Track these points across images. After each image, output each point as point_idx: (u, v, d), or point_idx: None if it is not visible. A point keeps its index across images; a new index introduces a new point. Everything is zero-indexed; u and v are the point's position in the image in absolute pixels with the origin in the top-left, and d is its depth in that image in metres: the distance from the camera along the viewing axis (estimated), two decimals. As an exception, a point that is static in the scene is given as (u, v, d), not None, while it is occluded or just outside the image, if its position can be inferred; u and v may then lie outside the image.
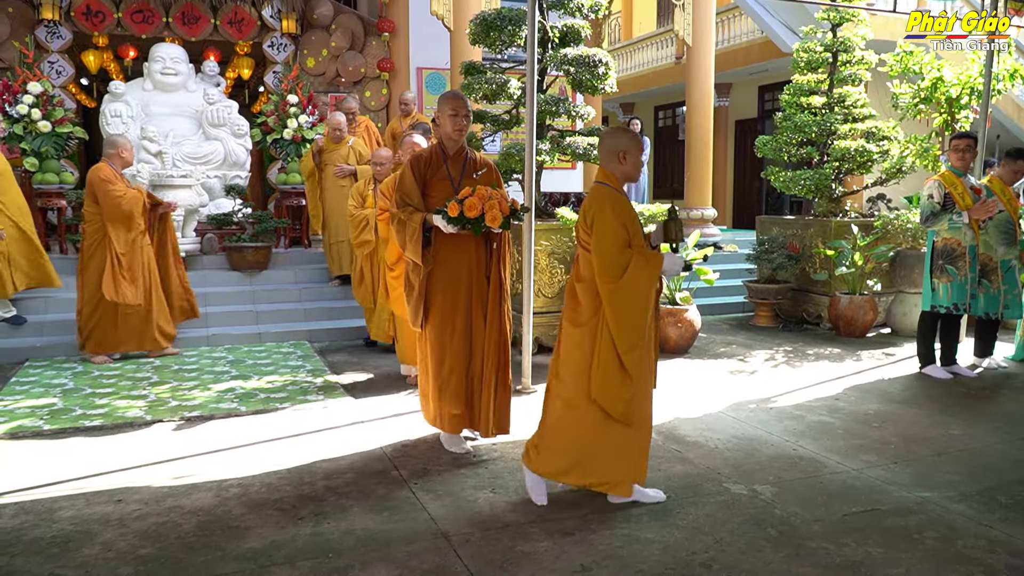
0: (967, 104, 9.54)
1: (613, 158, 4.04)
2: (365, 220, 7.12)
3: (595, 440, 3.98)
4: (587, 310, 3.98)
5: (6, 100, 9.36)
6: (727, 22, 16.73)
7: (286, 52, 12.04)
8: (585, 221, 3.96)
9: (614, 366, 3.91)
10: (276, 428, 5.40)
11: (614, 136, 4.11)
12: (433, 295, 4.73)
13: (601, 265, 3.87)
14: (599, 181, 4.07)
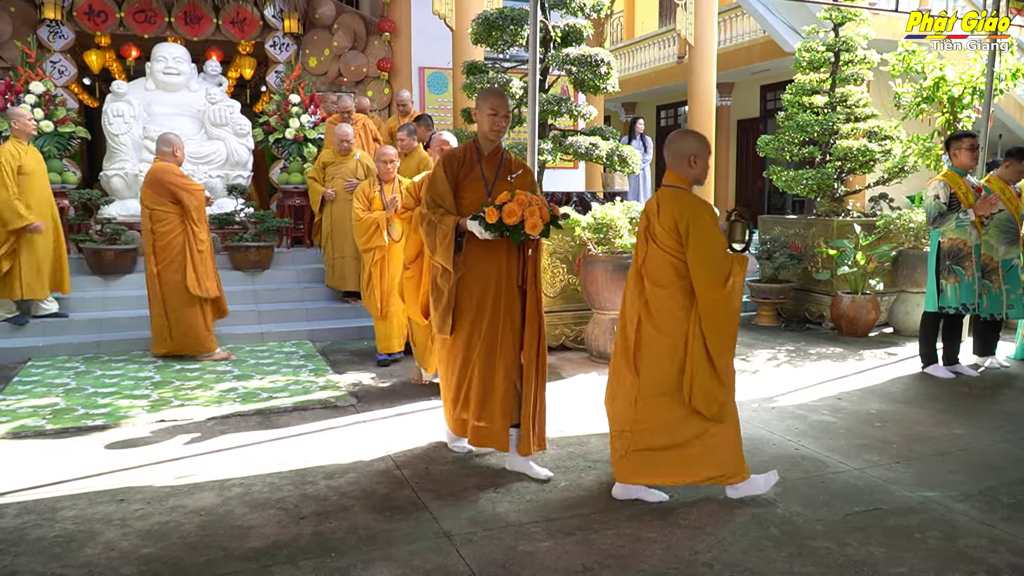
0: (969, 104, 9.53)
1: (683, 161, 4.08)
2: (374, 224, 6.83)
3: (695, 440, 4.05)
4: (673, 316, 3.99)
5: (8, 100, 9.36)
6: (729, 21, 16.73)
7: (288, 52, 12.04)
8: (676, 228, 3.94)
9: (707, 368, 3.96)
10: (278, 428, 5.40)
11: (683, 139, 4.13)
12: (462, 301, 4.49)
13: (708, 273, 3.89)
14: (673, 185, 4.09)
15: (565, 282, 7.72)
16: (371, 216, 6.85)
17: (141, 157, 9.89)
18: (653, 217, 4.07)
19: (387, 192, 6.89)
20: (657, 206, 4.06)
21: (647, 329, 4.05)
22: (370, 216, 6.85)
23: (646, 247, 4.09)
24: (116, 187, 9.83)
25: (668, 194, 4.06)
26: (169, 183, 7.23)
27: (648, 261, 4.07)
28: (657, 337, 4.02)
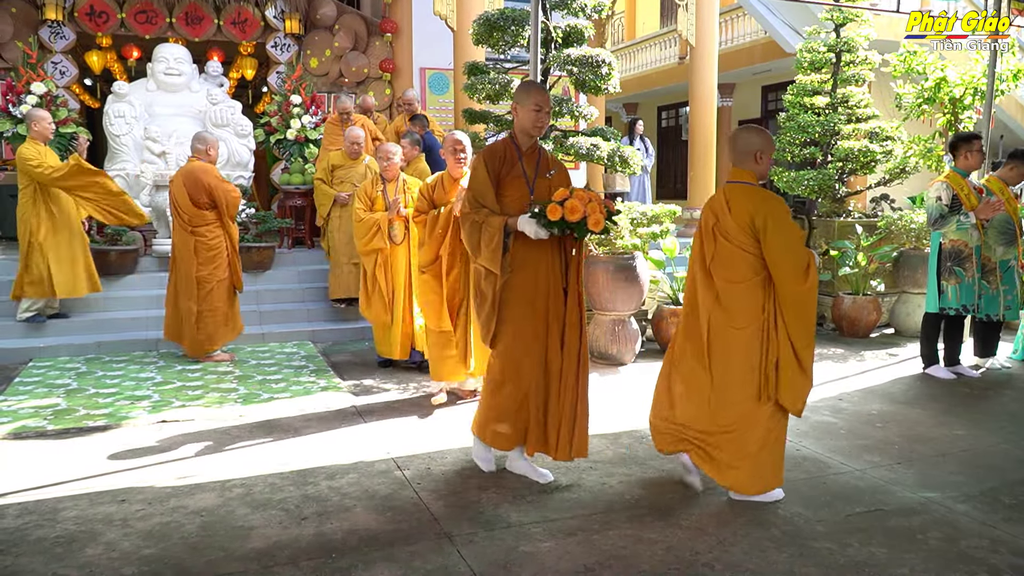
0: (971, 105, 9.53)
1: (749, 157, 4.12)
2: (375, 226, 6.60)
3: (764, 443, 4.08)
4: (749, 312, 4.01)
5: (10, 100, 9.38)
6: (730, 22, 16.73)
7: (289, 52, 12.04)
8: (752, 224, 3.96)
9: (793, 364, 3.99)
10: (279, 428, 5.40)
11: (748, 135, 4.16)
12: (507, 306, 4.26)
13: (791, 267, 3.92)
14: (741, 181, 4.11)
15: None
16: (372, 217, 6.63)
17: (142, 158, 9.91)
18: (722, 215, 4.07)
19: (390, 192, 6.72)
20: (727, 203, 4.07)
21: (721, 326, 4.06)
22: (371, 217, 6.63)
23: (714, 244, 4.09)
24: (117, 188, 9.83)
25: (738, 190, 4.08)
26: (208, 184, 7.28)
27: (719, 258, 4.07)
28: (733, 332, 4.02)
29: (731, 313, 4.02)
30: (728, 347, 4.04)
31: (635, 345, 7.34)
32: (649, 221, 7.44)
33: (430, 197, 5.80)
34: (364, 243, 6.65)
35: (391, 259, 6.65)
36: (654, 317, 7.94)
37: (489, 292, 4.28)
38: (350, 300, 8.49)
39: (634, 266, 7.14)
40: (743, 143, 4.14)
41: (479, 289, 4.36)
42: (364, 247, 6.67)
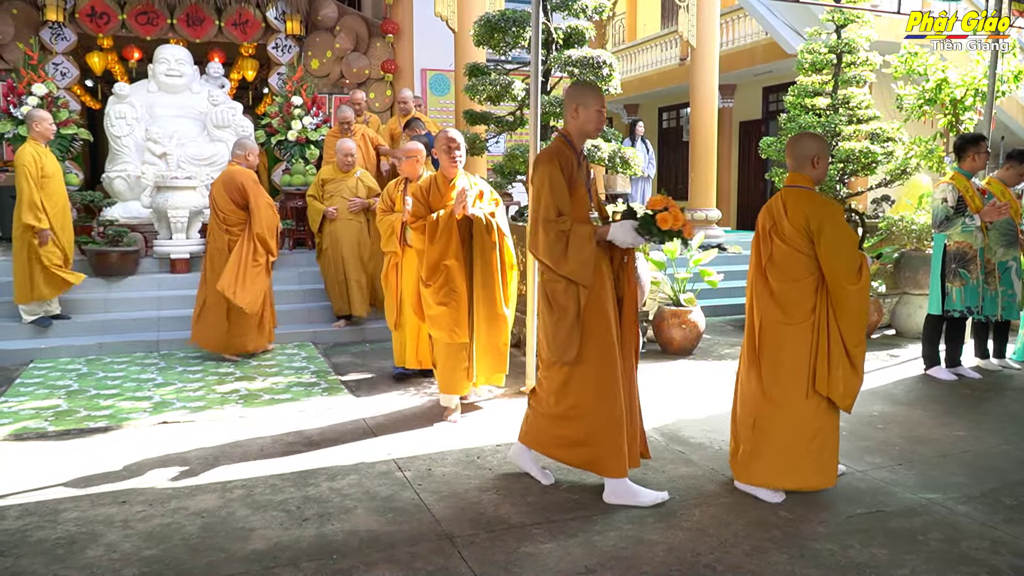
0: (971, 106, 9.52)
1: (806, 162, 4.26)
2: (391, 228, 6.41)
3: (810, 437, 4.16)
4: (802, 309, 4.13)
5: (11, 102, 9.39)
6: (731, 23, 16.72)
7: (290, 54, 12.06)
8: (807, 226, 4.09)
9: (845, 361, 4.11)
10: (280, 429, 5.40)
11: (805, 141, 4.32)
12: (589, 319, 4.07)
13: (845, 267, 4.06)
14: (798, 185, 4.25)
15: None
16: (389, 219, 6.45)
17: (143, 159, 9.92)
18: (780, 217, 4.20)
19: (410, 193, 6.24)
20: (784, 206, 4.20)
21: (773, 322, 4.20)
22: (388, 218, 6.46)
23: (771, 245, 4.22)
24: (118, 189, 9.85)
25: (794, 194, 4.21)
26: (240, 184, 7.38)
27: (775, 258, 4.20)
28: (785, 329, 4.15)
29: (785, 310, 4.16)
30: (779, 343, 4.17)
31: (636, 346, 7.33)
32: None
33: (425, 201, 5.58)
34: (383, 243, 6.54)
35: (403, 263, 6.36)
36: (655, 318, 7.93)
37: (572, 305, 4.04)
38: (349, 316, 8.50)
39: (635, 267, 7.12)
40: (801, 149, 4.29)
41: (556, 303, 4.08)
42: (383, 247, 6.56)
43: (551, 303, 4.11)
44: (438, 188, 5.59)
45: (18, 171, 7.40)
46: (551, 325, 4.11)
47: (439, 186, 5.59)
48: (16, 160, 7.45)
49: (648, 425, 5.35)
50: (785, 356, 4.14)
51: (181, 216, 8.94)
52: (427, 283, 5.42)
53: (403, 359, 6.57)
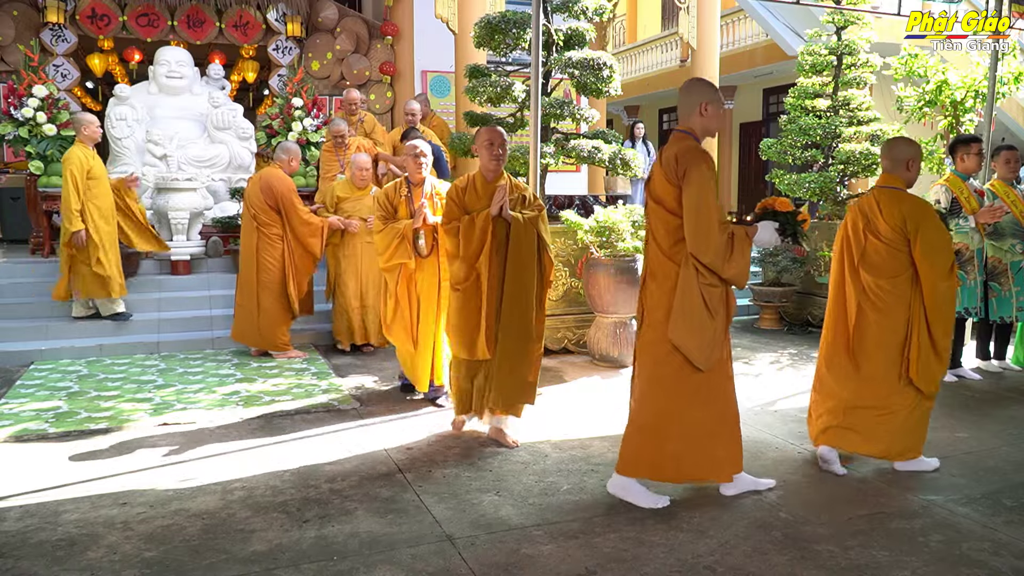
0: (972, 107, 9.52)
1: (901, 165, 4.56)
2: (398, 236, 5.70)
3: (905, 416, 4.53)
4: (897, 303, 4.45)
5: (11, 103, 9.39)
6: (732, 25, 16.74)
7: (291, 55, 12.06)
8: (904, 226, 4.40)
9: (930, 351, 4.45)
10: (280, 431, 5.40)
11: (900, 145, 4.63)
12: None
13: (938, 265, 4.38)
14: (891, 186, 4.55)
15: (567, 285, 7.72)
16: (394, 227, 5.73)
17: (144, 160, 9.92)
18: (874, 216, 4.50)
19: (416, 197, 5.84)
20: (878, 206, 4.50)
21: (870, 316, 4.49)
22: (393, 227, 5.74)
23: (864, 243, 4.52)
24: (119, 190, 9.84)
25: (888, 195, 4.52)
26: (280, 193, 7.48)
27: (869, 255, 4.51)
28: (881, 322, 4.47)
29: (880, 306, 4.46)
30: (873, 333, 4.48)
31: (636, 348, 7.33)
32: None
33: (461, 203, 5.03)
34: (386, 257, 5.75)
35: (416, 275, 5.73)
36: (655, 320, 7.92)
37: (722, 309, 3.99)
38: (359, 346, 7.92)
39: (635, 268, 7.13)
40: (898, 152, 4.59)
41: (709, 307, 3.93)
42: (386, 262, 5.77)
43: (708, 307, 3.95)
44: (476, 190, 5.05)
45: (63, 173, 7.55)
46: (708, 330, 3.95)
47: (477, 187, 5.05)
48: (63, 162, 7.60)
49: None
50: (880, 347, 4.47)
51: (182, 217, 8.94)
52: (456, 287, 5.02)
53: (414, 380, 5.96)
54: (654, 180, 4.05)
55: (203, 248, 9.43)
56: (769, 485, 4.31)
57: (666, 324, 3.95)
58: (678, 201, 3.91)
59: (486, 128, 5.12)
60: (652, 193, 4.06)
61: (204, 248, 9.43)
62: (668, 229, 3.96)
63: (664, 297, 3.98)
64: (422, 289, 5.74)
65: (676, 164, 3.92)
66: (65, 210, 7.52)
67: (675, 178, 3.91)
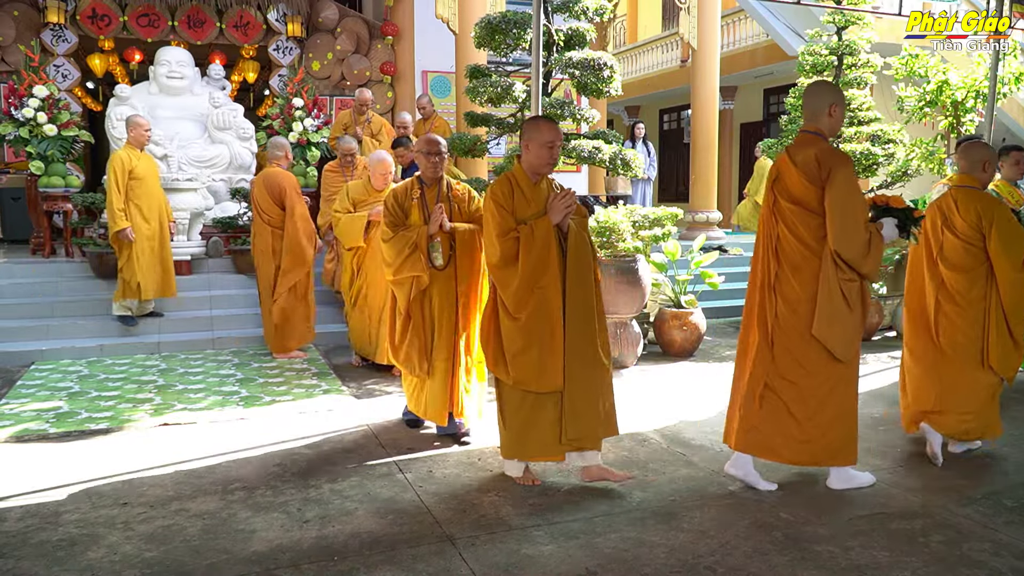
0: (972, 107, 9.53)
1: (978, 166, 4.88)
2: (411, 245, 4.88)
3: (988, 398, 4.85)
4: (973, 294, 4.75)
5: (12, 104, 9.39)
6: (732, 25, 16.74)
7: (291, 55, 12.07)
8: (979, 223, 4.70)
9: (1007, 339, 4.75)
10: (281, 431, 5.40)
11: (979, 149, 4.94)
12: None
13: (1011, 258, 4.67)
14: (968, 185, 4.87)
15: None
16: (405, 235, 4.91)
17: (145, 161, 9.91)
18: (951, 213, 4.82)
19: (430, 199, 5.07)
20: (955, 204, 4.81)
21: (947, 308, 4.82)
22: (403, 235, 4.91)
23: (941, 239, 4.85)
24: (120, 191, 9.84)
25: (964, 193, 4.83)
26: (282, 187, 7.56)
27: (946, 251, 4.82)
28: (960, 313, 4.77)
29: (957, 298, 4.78)
30: (954, 324, 4.79)
31: (637, 348, 7.33)
32: (651, 224, 7.44)
33: (511, 208, 4.29)
34: (395, 269, 4.93)
35: (431, 290, 4.96)
36: (656, 320, 7.94)
37: (859, 303, 4.26)
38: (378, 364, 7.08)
39: (636, 269, 7.13)
40: (974, 154, 4.90)
41: (851, 302, 4.17)
42: (395, 274, 4.94)
43: (848, 302, 4.12)
44: (523, 193, 4.34)
45: (108, 173, 7.73)
46: (849, 325, 4.15)
47: (524, 190, 4.35)
48: (109, 162, 7.77)
49: (649, 427, 5.38)
50: (959, 335, 4.78)
51: (182, 218, 8.94)
52: (516, 315, 4.23)
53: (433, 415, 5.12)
54: (789, 181, 4.19)
55: (204, 248, 9.43)
56: (870, 482, 4.41)
57: (810, 318, 4.12)
58: (819, 200, 4.08)
59: (546, 123, 4.40)
60: (787, 194, 4.20)
61: (205, 248, 9.44)
62: (810, 227, 4.13)
63: (807, 292, 4.15)
64: (437, 306, 4.95)
65: (818, 166, 4.09)
66: (108, 210, 7.69)
67: (818, 179, 4.08)
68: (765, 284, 4.26)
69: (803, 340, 4.15)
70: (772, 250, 4.24)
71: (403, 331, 5.04)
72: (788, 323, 4.19)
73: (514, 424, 4.33)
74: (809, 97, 4.32)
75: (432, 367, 4.99)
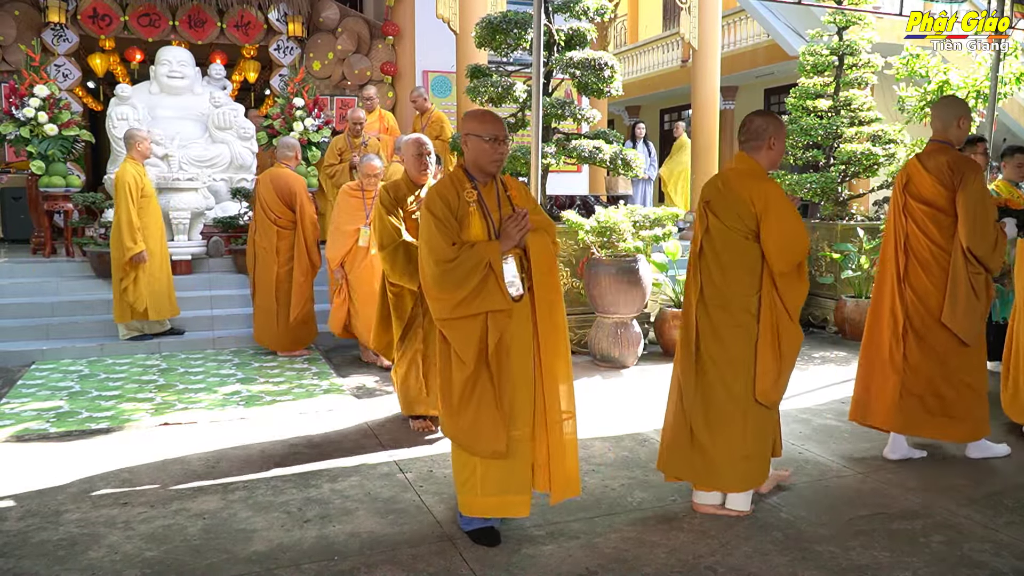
0: (973, 107, 9.51)
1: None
2: (483, 266, 3.46)
3: None
4: None
5: (13, 103, 9.39)
6: (733, 25, 16.73)
7: (292, 55, 12.07)
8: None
9: None
10: (281, 431, 5.40)
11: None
12: None
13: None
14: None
15: (568, 285, 7.71)
16: (475, 252, 3.50)
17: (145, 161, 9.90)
18: None
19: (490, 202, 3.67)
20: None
21: None
22: (471, 252, 3.50)
23: None
24: (120, 190, 9.84)
25: None
26: (293, 190, 7.60)
27: None
28: None
29: None
30: None
31: (637, 348, 7.33)
32: (652, 224, 7.44)
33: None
34: (458, 303, 3.49)
35: (514, 326, 3.58)
36: (656, 320, 7.94)
37: (984, 292, 4.68)
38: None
39: (636, 269, 7.13)
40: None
41: (976, 291, 4.62)
42: (459, 309, 3.50)
43: (976, 292, 4.58)
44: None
45: (118, 191, 7.48)
46: (975, 313, 4.61)
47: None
48: (117, 180, 7.54)
49: (649, 427, 5.37)
50: None
51: (183, 217, 8.94)
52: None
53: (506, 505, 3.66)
54: (921, 184, 4.67)
55: (204, 248, 9.43)
56: (1005, 452, 4.89)
57: (938, 307, 4.60)
58: (949, 202, 4.56)
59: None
60: (918, 196, 4.68)
61: (205, 248, 9.43)
62: (941, 226, 4.60)
63: (935, 283, 4.64)
64: (515, 347, 3.59)
65: (951, 172, 4.55)
66: (126, 229, 7.42)
67: (950, 183, 4.56)
68: (895, 277, 4.75)
69: (936, 326, 4.63)
70: (901, 247, 4.73)
71: (466, 392, 3.55)
72: (918, 312, 4.68)
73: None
74: (939, 110, 4.77)
75: (520, 432, 3.60)
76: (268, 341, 7.75)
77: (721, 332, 3.86)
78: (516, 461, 3.58)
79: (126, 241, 7.43)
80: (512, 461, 3.57)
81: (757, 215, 3.80)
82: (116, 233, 7.48)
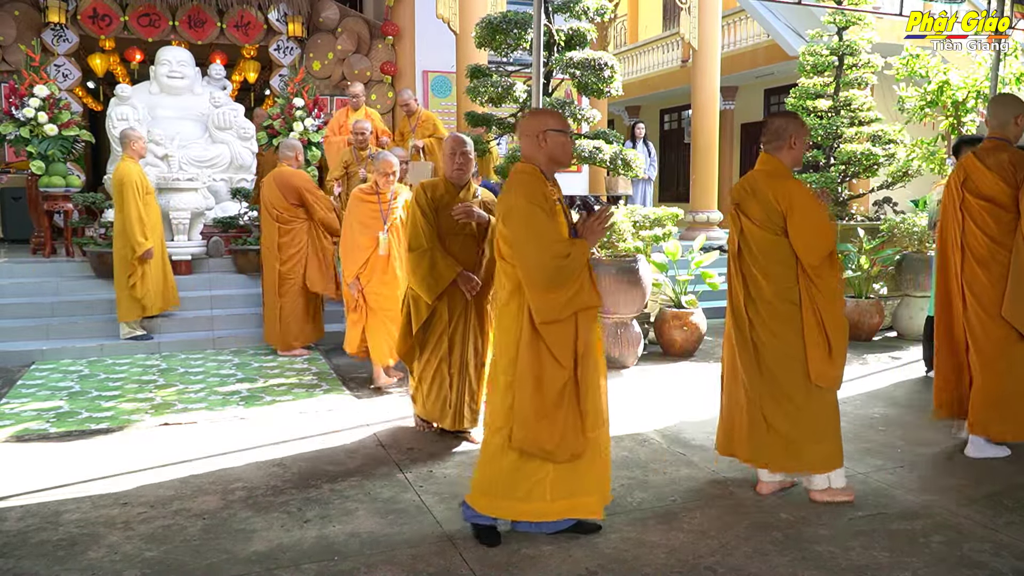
0: (973, 107, 9.52)
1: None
2: (583, 265, 3.47)
3: None
4: None
5: (13, 103, 9.39)
6: (733, 25, 16.72)
7: (292, 55, 12.07)
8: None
9: None
10: (281, 431, 5.40)
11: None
12: None
13: None
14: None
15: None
16: (577, 251, 3.45)
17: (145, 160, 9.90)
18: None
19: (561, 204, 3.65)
20: None
21: None
22: (577, 251, 3.45)
23: None
24: (120, 190, 9.84)
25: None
26: (297, 186, 7.62)
27: None
28: None
29: None
30: None
31: (637, 348, 7.33)
32: (651, 224, 7.44)
33: None
34: (565, 302, 3.44)
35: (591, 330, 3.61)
36: (656, 320, 7.94)
37: None
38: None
39: (636, 269, 7.13)
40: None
41: None
42: (571, 306, 3.45)
43: None
44: None
45: (125, 188, 7.51)
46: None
47: None
48: (121, 177, 7.58)
49: (649, 427, 5.37)
50: None
51: (183, 217, 8.94)
52: None
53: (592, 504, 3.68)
54: (980, 181, 4.74)
55: (204, 248, 9.43)
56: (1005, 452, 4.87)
57: (999, 304, 4.67)
58: (1012, 199, 4.65)
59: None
60: (977, 192, 4.76)
61: (205, 248, 9.43)
62: (1001, 221, 4.69)
63: (992, 279, 4.72)
64: (591, 346, 3.61)
65: (1013, 168, 4.66)
66: (137, 225, 7.50)
67: (1012, 180, 4.65)
68: (953, 273, 4.86)
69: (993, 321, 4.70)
70: (957, 243, 4.82)
71: (562, 397, 3.49)
72: (974, 307, 4.77)
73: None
74: (996, 107, 4.88)
75: (591, 438, 3.61)
76: (273, 340, 7.78)
77: (771, 324, 4.05)
78: (588, 462, 3.58)
79: (137, 237, 7.50)
80: (584, 463, 3.57)
81: (783, 213, 3.97)
82: (123, 230, 7.52)
